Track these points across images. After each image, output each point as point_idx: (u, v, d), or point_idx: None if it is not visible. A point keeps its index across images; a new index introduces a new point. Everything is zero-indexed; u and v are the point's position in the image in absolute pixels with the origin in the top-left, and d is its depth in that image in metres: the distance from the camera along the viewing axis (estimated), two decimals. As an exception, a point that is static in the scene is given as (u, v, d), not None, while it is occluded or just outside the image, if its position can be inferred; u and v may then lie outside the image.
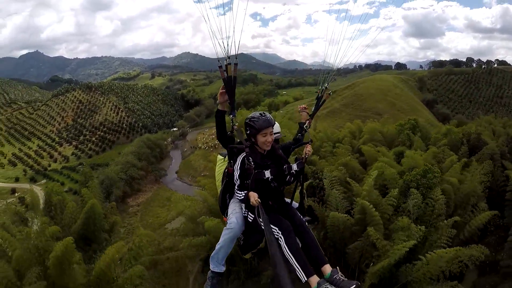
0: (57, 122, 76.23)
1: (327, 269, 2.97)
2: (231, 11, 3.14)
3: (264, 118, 3.35)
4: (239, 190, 3.42)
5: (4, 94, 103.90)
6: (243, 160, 3.42)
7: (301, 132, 4.05)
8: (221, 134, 3.58)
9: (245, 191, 3.31)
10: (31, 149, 64.43)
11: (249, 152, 3.41)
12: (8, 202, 36.92)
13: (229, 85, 3.42)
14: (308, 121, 4.11)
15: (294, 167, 3.46)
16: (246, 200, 3.25)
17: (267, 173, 3.36)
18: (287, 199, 3.74)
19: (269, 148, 3.47)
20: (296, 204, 3.80)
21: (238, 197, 3.43)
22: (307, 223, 3.54)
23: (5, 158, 60.23)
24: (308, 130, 4.10)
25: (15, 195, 42.96)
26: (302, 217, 3.53)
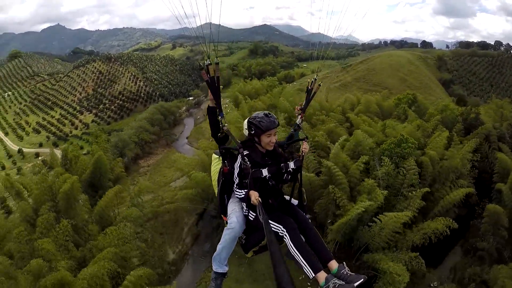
0: (78, 92, 78.83)
1: (334, 265, 2.97)
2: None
3: (270, 119, 3.36)
4: (239, 189, 3.43)
5: (28, 68, 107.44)
6: (243, 159, 3.43)
7: (295, 129, 4.03)
8: (213, 131, 3.67)
9: (245, 190, 3.33)
10: (54, 118, 67.49)
11: (248, 152, 3.45)
12: (32, 164, 41.19)
13: (213, 86, 3.42)
14: (301, 116, 4.05)
15: (292, 165, 3.51)
16: (247, 199, 3.25)
17: (265, 172, 3.37)
18: (287, 197, 3.77)
19: (272, 148, 3.49)
20: (296, 202, 3.78)
21: (238, 196, 3.44)
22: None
23: (30, 127, 63.77)
24: (302, 126, 4.10)
25: (39, 158, 46.48)
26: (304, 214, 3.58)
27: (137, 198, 20.78)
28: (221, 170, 3.76)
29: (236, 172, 3.42)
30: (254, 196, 3.08)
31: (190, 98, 77.93)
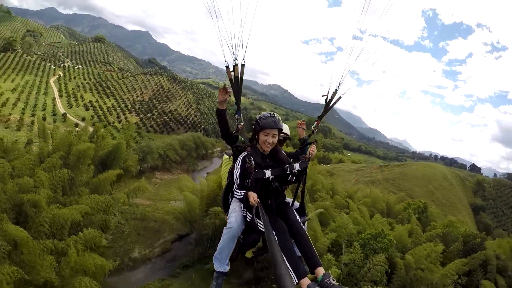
0: (136, 95, 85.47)
1: (320, 272, 2.92)
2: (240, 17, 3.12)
3: (272, 119, 3.37)
4: (238, 189, 3.40)
5: (105, 54, 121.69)
6: (244, 159, 3.41)
7: (309, 135, 4.30)
8: (224, 132, 3.74)
9: (244, 191, 3.30)
10: (106, 105, 73.27)
11: (250, 152, 3.45)
12: (69, 130, 46.43)
13: (236, 85, 3.55)
14: (317, 122, 4.28)
15: (297, 167, 3.45)
16: (245, 200, 3.21)
17: (268, 173, 3.31)
18: (289, 199, 3.71)
19: (268, 149, 3.46)
20: (297, 204, 3.76)
21: (237, 196, 3.41)
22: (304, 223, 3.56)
23: (83, 101, 70.27)
24: (316, 132, 4.28)
25: (76, 129, 51.90)
26: (302, 217, 3.56)
27: (134, 194, 23.23)
28: (230, 170, 3.84)
29: (237, 173, 3.42)
30: (253, 197, 3.05)
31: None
